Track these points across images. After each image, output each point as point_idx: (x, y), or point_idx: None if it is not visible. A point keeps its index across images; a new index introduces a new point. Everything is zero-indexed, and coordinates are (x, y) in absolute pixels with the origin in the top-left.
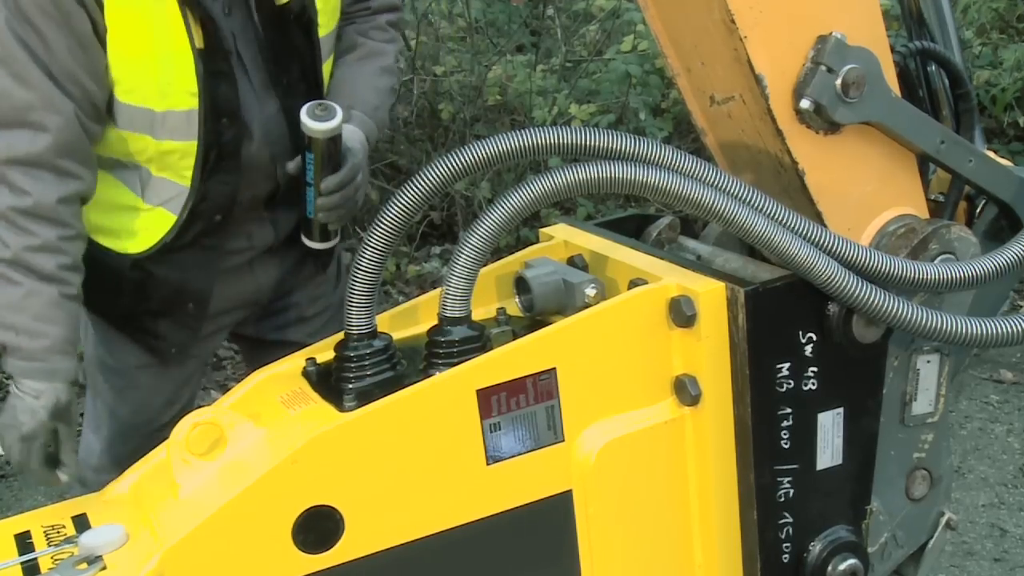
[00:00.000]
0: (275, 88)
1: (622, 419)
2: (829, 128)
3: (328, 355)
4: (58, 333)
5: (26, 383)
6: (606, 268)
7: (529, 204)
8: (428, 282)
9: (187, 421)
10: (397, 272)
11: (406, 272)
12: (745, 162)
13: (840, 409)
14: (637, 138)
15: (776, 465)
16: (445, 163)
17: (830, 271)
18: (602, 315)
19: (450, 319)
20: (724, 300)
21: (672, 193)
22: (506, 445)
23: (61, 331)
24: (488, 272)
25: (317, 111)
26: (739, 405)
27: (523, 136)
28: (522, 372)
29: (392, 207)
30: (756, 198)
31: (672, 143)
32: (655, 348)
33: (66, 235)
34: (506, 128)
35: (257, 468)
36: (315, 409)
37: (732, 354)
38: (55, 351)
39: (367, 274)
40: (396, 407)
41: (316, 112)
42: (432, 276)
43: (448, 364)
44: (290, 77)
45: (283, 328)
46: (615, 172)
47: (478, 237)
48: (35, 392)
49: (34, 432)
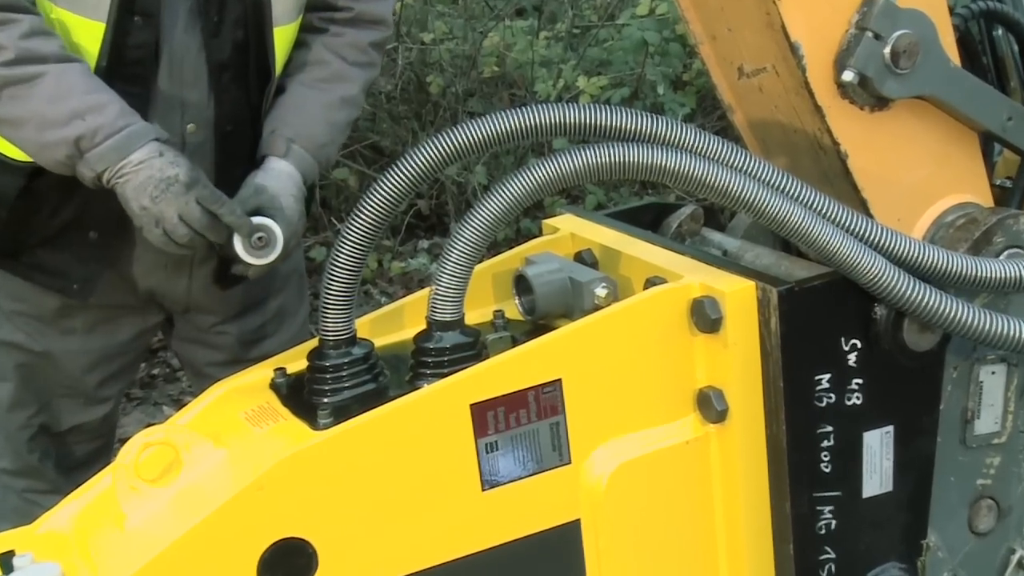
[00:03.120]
0: (202, 19)
1: (637, 438)
2: (876, 103)
3: (300, 365)
4: (114, 96)
5: (133, 158)
6: (619, 265)
7: (531, 192)
8: (415, 281)
9: (136, 442)
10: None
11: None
12: (778, 143)
13: (890, 427)
14: (654, 116)
15: (816, 492)
16: (434, 145)
17: (877, 268)
18: (614, 319)
19: (440, 323)
20: (754, 301)
21: (694, 179)
22: (504, 468)
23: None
24: (484, 270)
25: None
26: (772, 423)
27: (524, 114)
28: (522, 384)
29: (373, 196)
30: (791, 185)
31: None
32: (675, 357)
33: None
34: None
35: (217, 496)
36: (284, 427)
37: (764, 364)
38: (128, 112)
39: (345, 272)
40: (378, 424)
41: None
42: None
43: (438, 375)
44: (223, 17)
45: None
46: (629, 155)
47: (472, 230)
48: (150, 153)
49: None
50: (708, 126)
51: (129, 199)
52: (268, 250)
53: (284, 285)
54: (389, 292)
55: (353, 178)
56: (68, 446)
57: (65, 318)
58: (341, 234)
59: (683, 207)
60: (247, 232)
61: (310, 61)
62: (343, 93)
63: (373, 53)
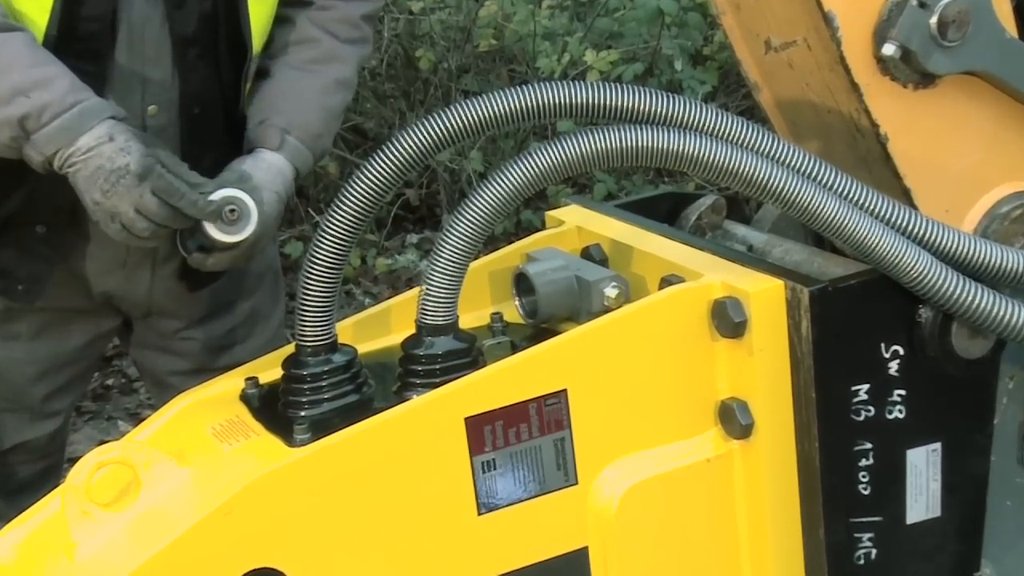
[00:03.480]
0: None
1: (651, 456)
2: (920, 80)
3: (274, 374)
4: (63, 68)
5: (82, 143)
6: (631, 262)
7: (533, 181)
8: (402, 280)
9: (88, 461)
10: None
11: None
12: (810, 126)
13: (936, 445)
14: (671, 96)
15: (853, 517)
16: (425, 127)
17: (922, 265)
18: (626, 322)
19: (431, 327)
20: (783, 303)
21: (716, 165)
22: (503, 489)
23: (63, 67)
24: (480, 267)
25: (227, 214)
26: (804, 439)
27: (524, 93)
28: (523, 395)
29: (356, 185)
30: (824, 172)
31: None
32: (694, 365)
33: None
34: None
35: (180, 521)
36: (256, 444)
37: (794, 373)
38: (79, 87)
39: (324, 271)
40: (361, 441)
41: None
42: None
43: (428, 385)
44: None
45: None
46: (643, 139)
47: (467, 223)
48: (99, 138)
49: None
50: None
51: (82, 191)
52: (240, 224)
53: (256, 285)
54: (374, 292)
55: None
56: (11, 466)
57: (8, 322)
58: (320, 228)
59: (703, 197)
60: (214, 217)
61: (297, 40)
62: (337, 75)
63: (365, 27)
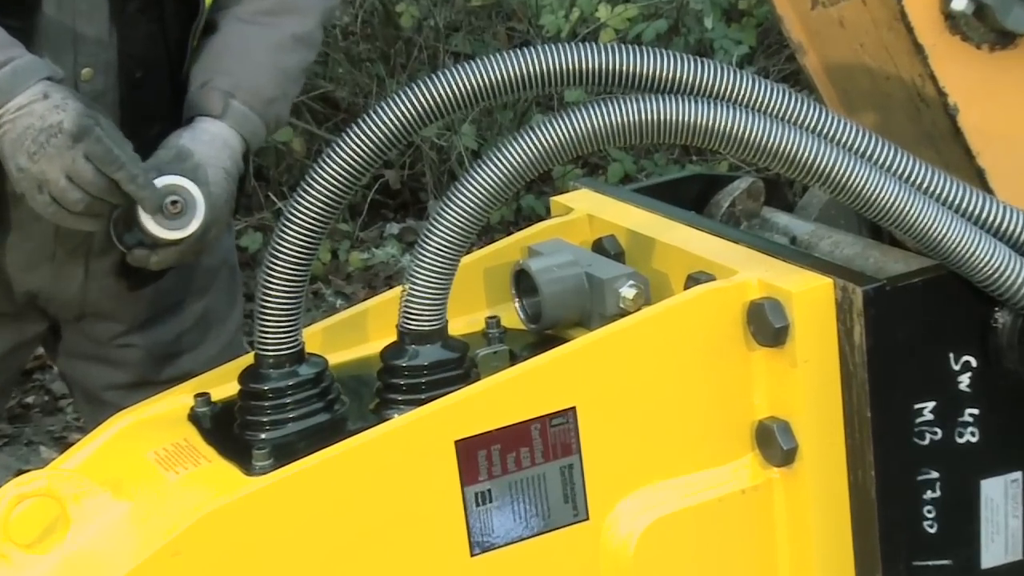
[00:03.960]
0: None
1: (676, 486)
2: (997, 40)
3: (230, 389)
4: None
5: (12, 104)
6: (652, 257)
7: (536, 160)
8: (381, 277)
9: (6, 494)
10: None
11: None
12: (865, 95)
13: (1017, 474)
14: (699, 60)
15: (916, 560)
16: (407, 97)
17: (998, 261)
18: (645, 328)
19: (415, 334)
20: (832, 305)
21: (752, 142)
22: (500, 526)
23: None
24: (473, 263)
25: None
26: (857, 466)
27: (525, 57)
28: (524, 415)
29: (327, 165)
30: (882, 150)
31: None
32: (727, 379)
33: None
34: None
35: (117, 565)
36: (208, 472)
37: (845, 388)
38: (10, 43)
39: (289, 267)
40: (332, 468)
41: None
42: (387, 268)
43: (412, 402)
44: None
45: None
46: (666, 112)
47: (457, 210)
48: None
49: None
50: (771, 71)
51: (6, 157)
52: (185, 218)
53: (209, 282)
54: (347, 292)
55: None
56: None
57: None
58: (283, 216)
59: (737, 180)
60: (154, 203)
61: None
62: (295, 29)
63: None
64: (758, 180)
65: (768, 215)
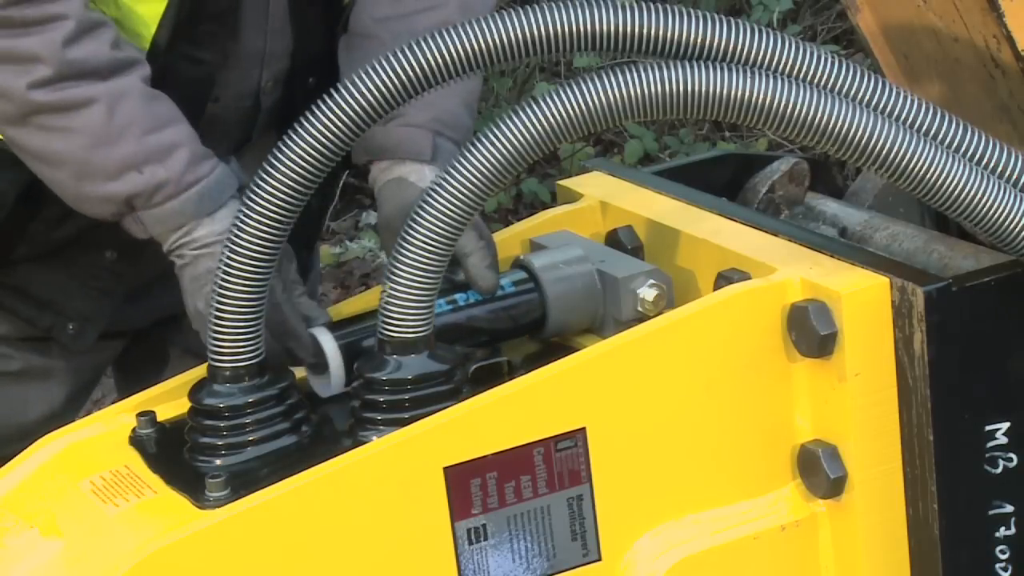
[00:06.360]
0: None
1: (704, 521)
2: None
3: (178, 406)
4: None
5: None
6: (676, 251)
7: (540, 138)
8: (355, 275)
9: None
10: None
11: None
12: (929, 61)
13: None
14: (732, 21)
15: None
16: (388, 65)
17: None
18: (668, 335)
19: (398, 343)
20: (888, 308)
21: (795, 117)
22: (498, 567)
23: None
24: None
25: None
26: (917, 499)
27: (528, 17)
28: (526, 437)
29: (294, 144)
30: (948, 127)
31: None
32: (763, 395)
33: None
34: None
35: None
36: (153, 504)
37: (903, 406)
38: (200, 156)
39: (248, 264)
40: (300, 500)
41: None
42: (363, 265)
43: (394, 422)
44: None
45: None
46: (693, 81)
47: (447, 197)
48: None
49: None
50: (819, 31)
51: (185, 291)
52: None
53: None
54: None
55: None
56: None
57: None
58: (243, 204)
59: (777, 161)
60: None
61: None
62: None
63: None
64: (802, 161)
65: (813, 202)
